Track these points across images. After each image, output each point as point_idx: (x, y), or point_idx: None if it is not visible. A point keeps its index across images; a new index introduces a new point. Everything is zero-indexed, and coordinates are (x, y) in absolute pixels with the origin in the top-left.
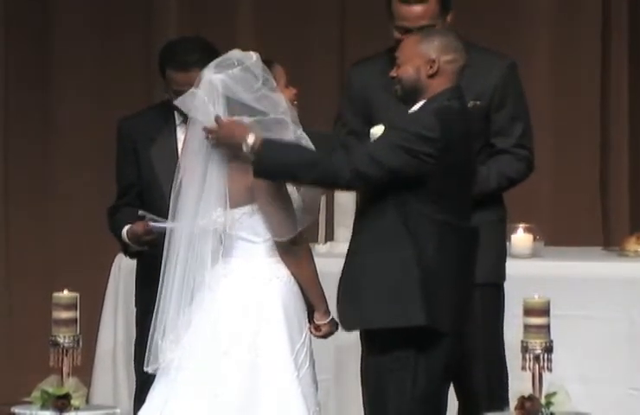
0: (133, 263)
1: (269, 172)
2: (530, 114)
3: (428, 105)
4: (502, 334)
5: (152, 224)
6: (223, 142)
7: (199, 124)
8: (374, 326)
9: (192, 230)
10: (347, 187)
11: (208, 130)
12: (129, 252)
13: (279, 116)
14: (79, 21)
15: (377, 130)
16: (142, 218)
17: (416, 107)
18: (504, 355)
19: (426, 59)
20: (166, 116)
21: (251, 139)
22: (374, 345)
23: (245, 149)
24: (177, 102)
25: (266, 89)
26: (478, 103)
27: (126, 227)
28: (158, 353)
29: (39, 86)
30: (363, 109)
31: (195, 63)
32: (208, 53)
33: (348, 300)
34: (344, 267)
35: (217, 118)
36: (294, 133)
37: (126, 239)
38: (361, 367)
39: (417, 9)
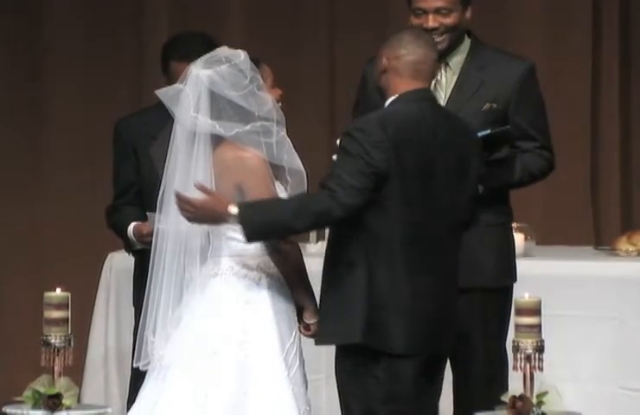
0: (125, 264)
1: (260, 234)
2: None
3: (382, 109)
4: (505, 336)
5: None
6: (203, 221)
7: (182, 122)
8: (321, 343)
9: (180, 227)
10: (341, 222)
11: (183, 208)
12: (132, 250)
13: (258, 124)
14: (69, 19)
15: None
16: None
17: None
18: (506, 358)
19: (380, 57)
20: (166, 114)
21: (234, 209)
22: (338, 351)
23: (232, 221)
24: (159, 92)
25: (253, 87)
26: (494, 106)
27: (132, 225)
28: (148, 349)
29: (29, 83)
30: (373, 105)
31: (200, 55)
32: (212, 48)
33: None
34: None
35: (189, 199)
36: (277, 135)
37: (132, 237)
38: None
39: None
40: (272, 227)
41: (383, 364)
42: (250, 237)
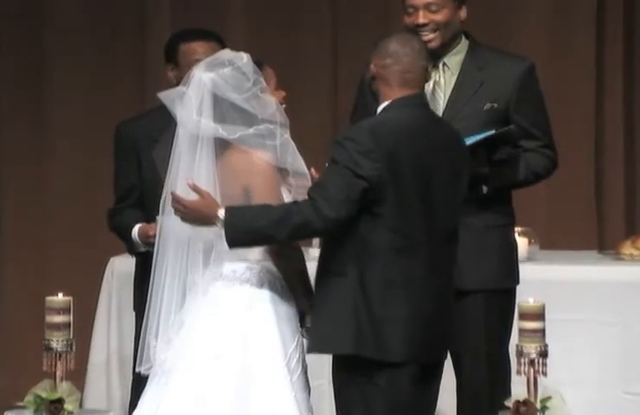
0: (127, 268)
1: (242, 241)
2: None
3: (375, 116)
4: (508, 339)
5: None
6: (193, 222)
7: (184, 125)
8: (310, 352)
9: (182, 230)
10: (323, 234)
11: (176, 208)
12: (135, 252)
13: (262, 126)
14: (70, 20)
15: None
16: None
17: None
18: (508, 361)
19: (369, 63)
20: (168, 117)
21: (222, 213)
22: (335, 360)
23: (219, 225)
24: (161, 95)
25: (257, 90)
26: (495, 105)
27: (137, 226)
28: (150, 354)
29: (31, 87)
30: (372, 109)
31: (212, 36)
32: (219, 40)
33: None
34: None
35: (180, 199)
36: (280, 138)
37: (137, 238)
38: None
39: None
40: (253, 235)
41: (382, 372)
42: (231, 243)
